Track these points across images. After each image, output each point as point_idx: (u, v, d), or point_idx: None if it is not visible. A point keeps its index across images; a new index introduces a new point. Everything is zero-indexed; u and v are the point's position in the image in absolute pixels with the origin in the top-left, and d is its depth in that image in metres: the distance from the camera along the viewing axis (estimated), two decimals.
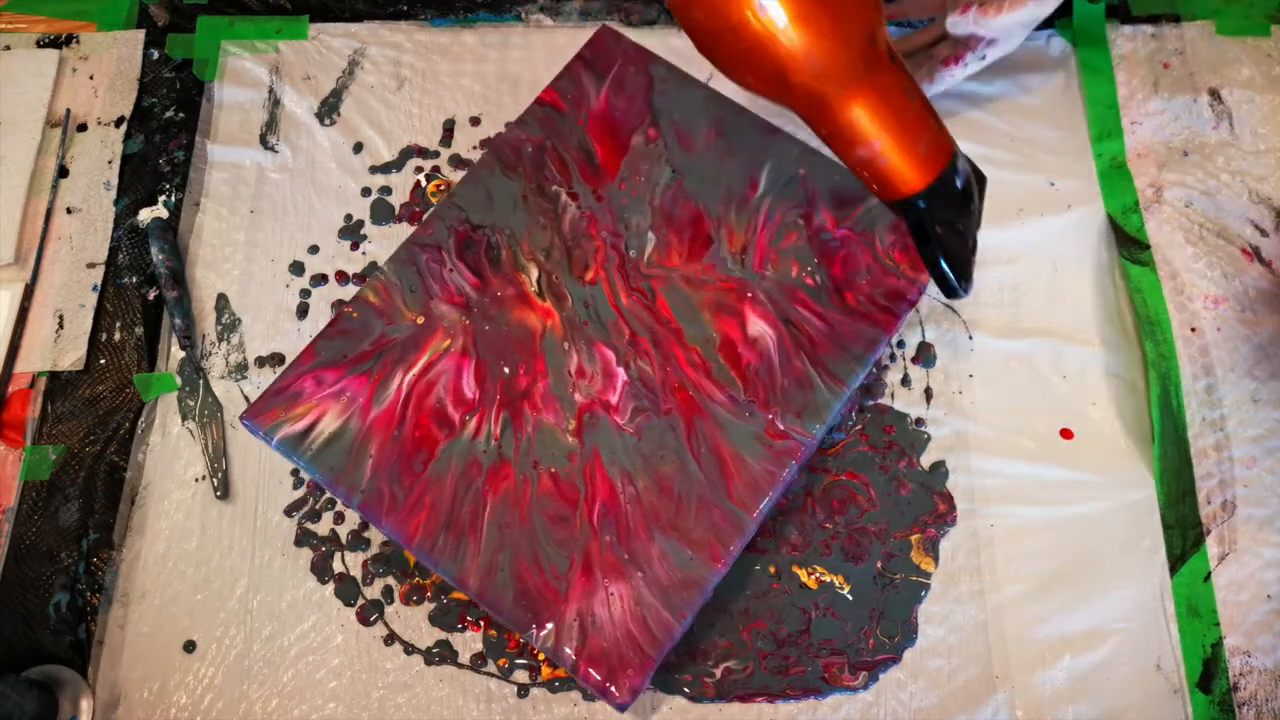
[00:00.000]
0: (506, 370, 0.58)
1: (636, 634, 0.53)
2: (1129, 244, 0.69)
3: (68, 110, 0.74)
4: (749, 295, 0.60)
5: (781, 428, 0.57)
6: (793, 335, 0.59)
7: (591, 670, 0.52)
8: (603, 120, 0.64)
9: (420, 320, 0.59)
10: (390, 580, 0.61)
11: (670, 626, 0.53)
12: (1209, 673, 0.59)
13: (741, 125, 0.64)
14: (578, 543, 0.55)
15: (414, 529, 0.55)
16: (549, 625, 0.53)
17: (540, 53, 0.76)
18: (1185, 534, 0.62)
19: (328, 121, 0.74)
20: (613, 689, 0.51)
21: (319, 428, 0.57)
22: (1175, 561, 0.61)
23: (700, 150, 0.64)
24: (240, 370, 0.67)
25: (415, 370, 0.58)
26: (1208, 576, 0.61)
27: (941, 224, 0.49)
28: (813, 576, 0.61)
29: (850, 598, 0.60)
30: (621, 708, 0.52)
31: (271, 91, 0.75)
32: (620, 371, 0.59)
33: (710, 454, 0.57)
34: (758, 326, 0.59)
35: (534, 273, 0.61)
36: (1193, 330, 0.67)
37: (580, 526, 0.55)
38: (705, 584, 0.54)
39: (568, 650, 0.52)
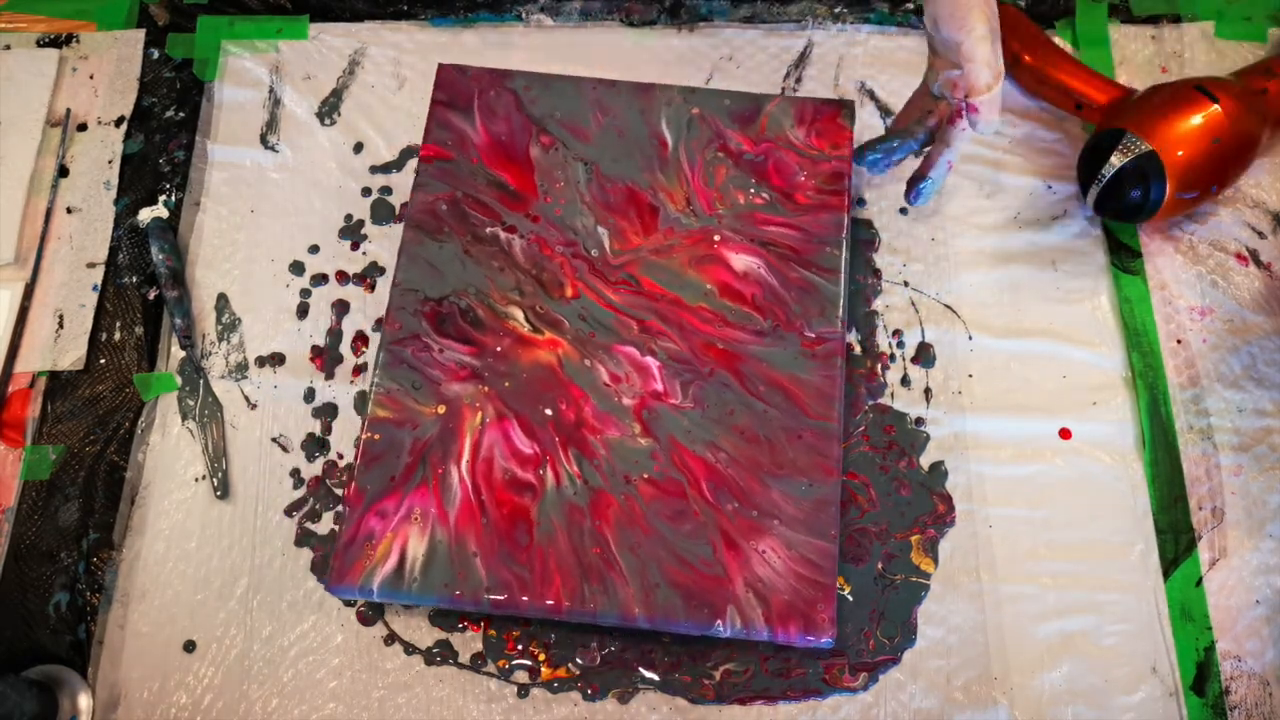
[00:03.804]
0: (549, 411, 0.58)
1: (805, 573, 0.55)
2: (1121, 251, 0.70)
3: (68, 110, 0.74)
4: (716, 239, 0.62)
5: (812, 335, 0.60)
6: (773, 253, 0.62)
7: (789, 629, 0.54)
8: (493, 150, 0.65)
9: (441, 410, 0.59)
10: None
11: (828, 551, 0.55)
12: (1202, 676, 0.59)
13: (618, 96, 0.66)
14: (707, 525, 0.56)
15: (558, 596, 0.55)
16: (729, 609, 0.54)
17: (540, 53, 0.76)
18: (1177, 539, 0.62)
19: (328, 121, 0.74)
20: (813, 636, 0.54)
21: (409, 556, 0.56)
22: (1168, 566, 0.61)
23: (597, 135, 0.65)
24: (240, 370, 0.67)
25: (466, 457, 0.58)
26: (1199, 581, 0.61)
27: None
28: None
29: (850, 598, 0.60)
30: (831, 642, 0.54)
31: (272, 91, 0.75)
32: (649, 360, 0.60)
33: (770, 388, 0.59)
34: (741, 260, 0.62)
35: (519, 314, 0.61)
36: (1179, 342, 0.67)
37: (701, 510, 0.56)
38: (833, 498, 0.56)
39: (759, 623, 0.54)
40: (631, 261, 0.62)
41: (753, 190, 0.63)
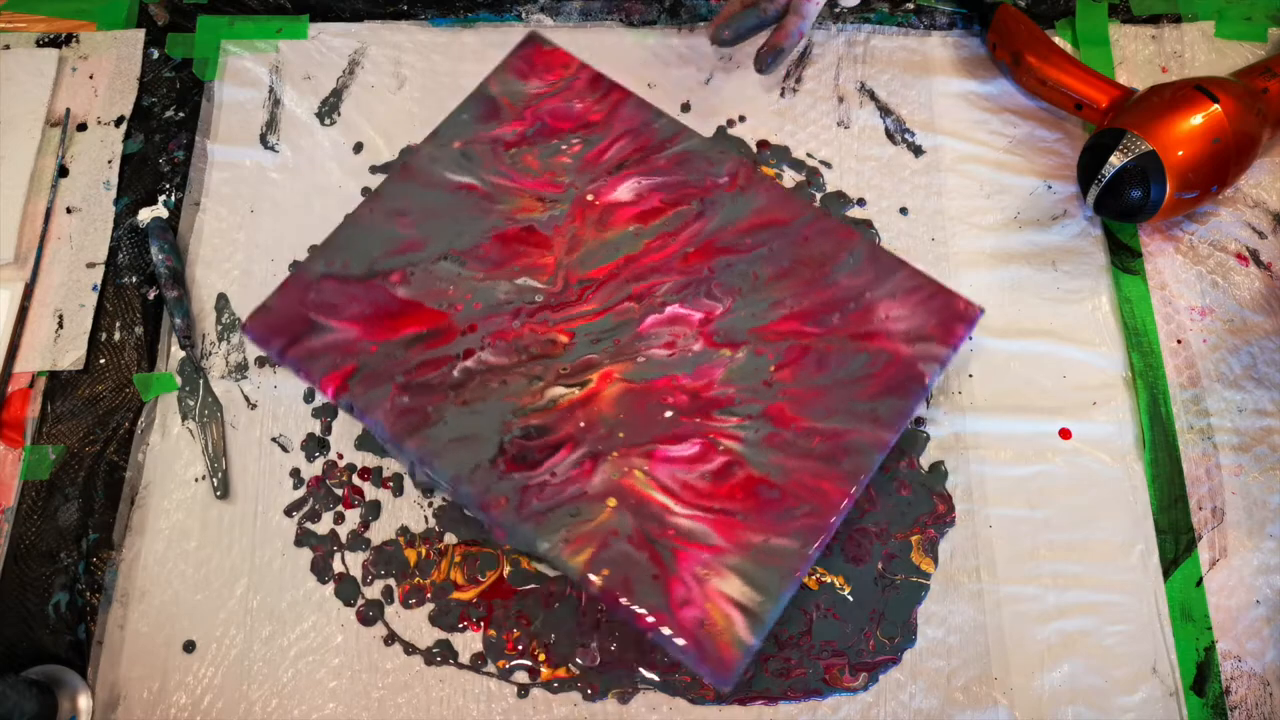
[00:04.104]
0: (669, 414, 0.57)
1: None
2: (1121, 251, 0.70)
3: (67, 110, 0.74)
4: (590, 197, 0.62)
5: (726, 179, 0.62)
6: (636, 166, 0.63)
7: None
8: (375, 327, 0.59)
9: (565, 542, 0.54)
10: (390, 580, 0.61)
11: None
12: (1202, 676, 0.59)
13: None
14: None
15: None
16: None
17: None
18: (1178, 539, 0.62)
19: (328, 121, 0.74)
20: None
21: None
22: (1168, 566, 0.61)
23: (423, 226, 0.62)
24: (240, 370, 0.67)
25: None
26: (1200, 581, 0.61)
27: None
28: (813, 577, 0.61)
29: (850, 599, 0.60)
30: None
31: (271, 91, 0.75)
32: (670, 311, 0.59)
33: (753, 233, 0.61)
34: (625, 189, 0.63)
35: (558, 391, 0.57)
36: (1179, 342, 0.67)
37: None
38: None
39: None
40: (568, 272, 0.60)
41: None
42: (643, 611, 0.51)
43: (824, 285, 0.59)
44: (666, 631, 0.51)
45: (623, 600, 0.51)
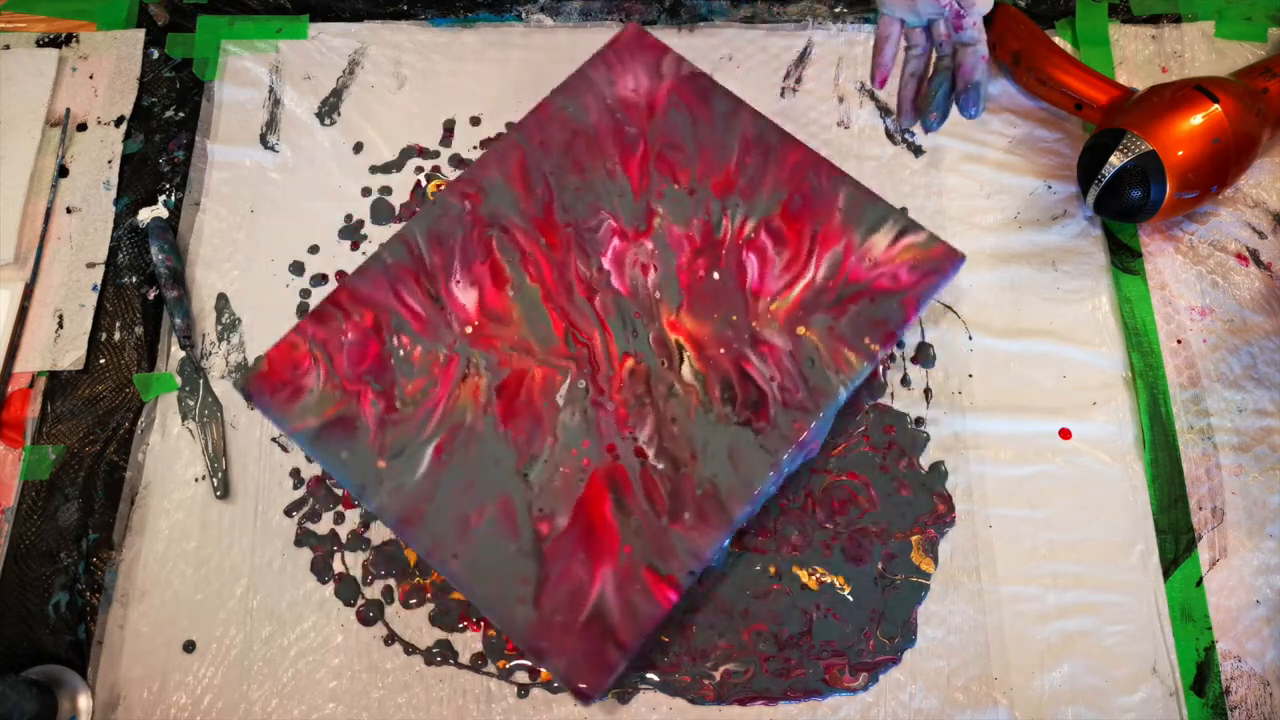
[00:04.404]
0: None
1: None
2: (1122, 251, 0.70)
3: (67, 110, 0.74)
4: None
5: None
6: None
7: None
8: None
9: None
10: (390, 580, 0.61)
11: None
12: (1202, 676, 0.59)
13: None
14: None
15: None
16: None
17: (540, 53, 0.76)
18: (1178, 539, 0.62)
19: (328, 121, 0.74)
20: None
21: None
22: (1168, 566, 0.61)
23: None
24: (240, 370, 0.67)
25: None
26: (1200, 581, 0.61)
27: None
28: (813, 577, 0.61)
29: (851, 599, 0.60)
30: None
31: (271, 91, 0.75)
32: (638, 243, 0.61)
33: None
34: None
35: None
36: (1179, 342, 0.67)
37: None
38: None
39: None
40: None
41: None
42: None
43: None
44: None
45: None
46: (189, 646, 0.60)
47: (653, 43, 0.67)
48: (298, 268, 0.70)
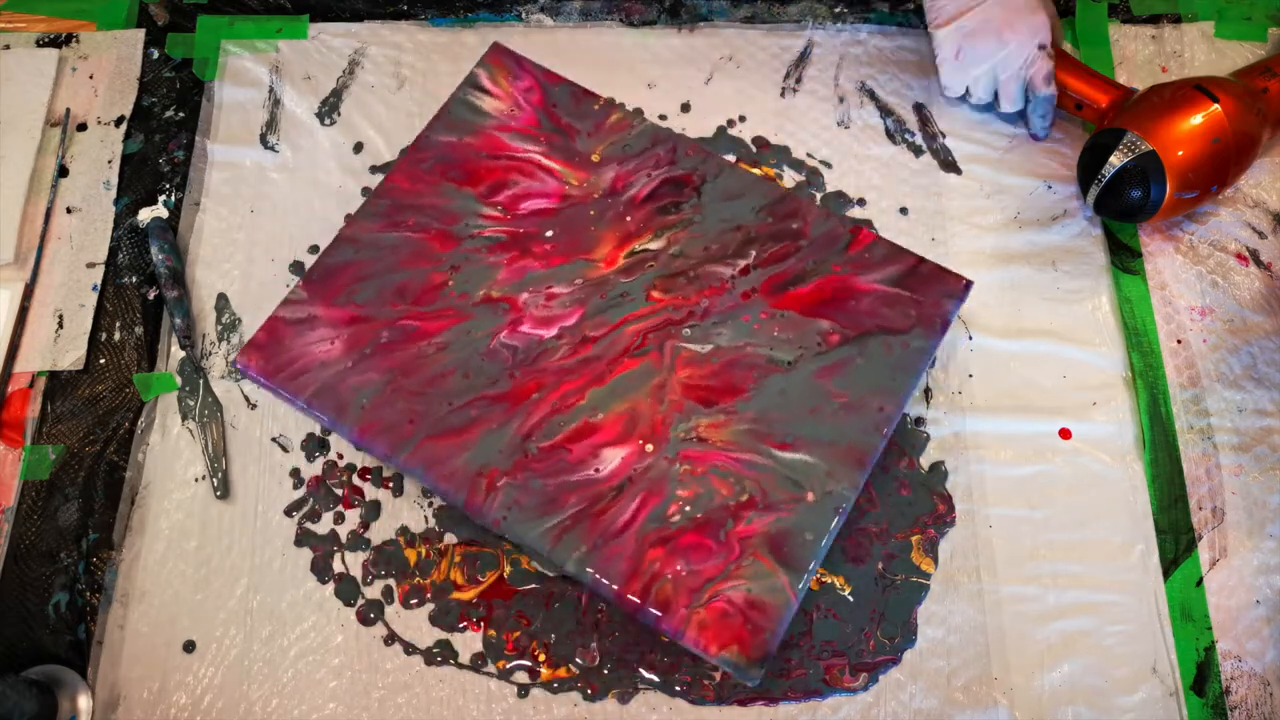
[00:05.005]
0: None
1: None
2: (1121, 251, 0.70)
3: (67, 110, 0.74)
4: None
5: None
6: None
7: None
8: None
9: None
10: (390, 580, 0.61)
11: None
12: (1202, 676, 0.59)
13: None
14: None
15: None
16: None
17: (540, 53, 0.76)
18: (1178, 539, 0.62)
19: (328, 121, 0.74)
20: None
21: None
22: (1168, 566, 0.61)
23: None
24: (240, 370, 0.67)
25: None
26: (1200, 581, 0.61)
27: None
28: (814, 577, 0.61)
29: (851, 599, 0.60)
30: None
31: (271, 91, 0.75)
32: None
33: None
34: None
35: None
36: (1179, 342, 0.67)
37: None
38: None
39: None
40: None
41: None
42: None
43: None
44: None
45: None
46: (189, 646, 0.60)
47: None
48: (298, 268, 0.70)
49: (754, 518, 0.56)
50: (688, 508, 0.56)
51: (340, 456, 0.64)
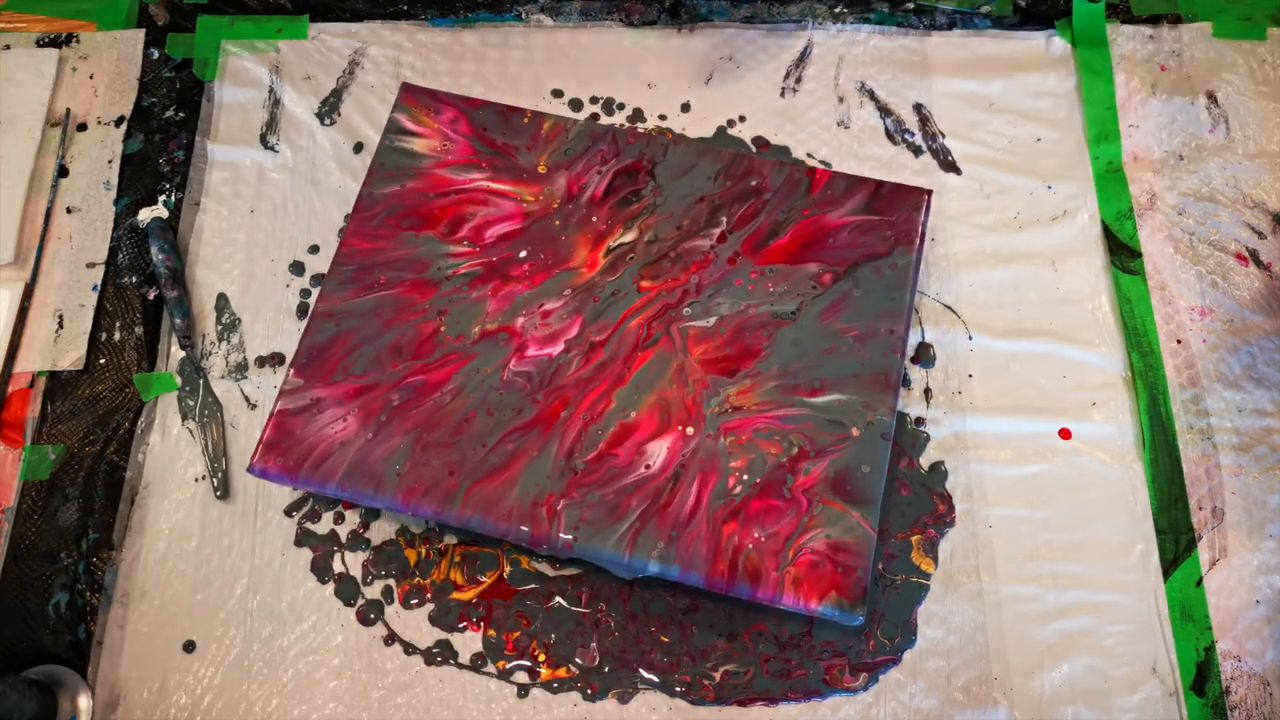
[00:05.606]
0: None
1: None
2: (1121, 251, 0.70)
3: (68, 110, 0.74)
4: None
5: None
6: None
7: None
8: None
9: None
10: (390, 580, 0.61)
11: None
12: (1202, 676, 0.59)
13: None
14: None
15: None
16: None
17: (540, 53, 0.76)
18: (1177, 539, 0.62)
19: (328, 121, 0.74)
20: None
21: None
22: (1168, 566, 0.61)
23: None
24: (240, 370, 0.67)
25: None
26: (1200, 581, 0.61)
27: None
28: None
29: None
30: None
31: (271, 91, 0.75)
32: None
33: None
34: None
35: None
36: (1179, 342, 0.67)
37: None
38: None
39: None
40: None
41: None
42: None
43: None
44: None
45: None
46: (189, 646, 0.60)
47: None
48: (298, 268, 0.70)
49: (810, 467, 0.57)
50: (745, 476, 0.57)
51: None
